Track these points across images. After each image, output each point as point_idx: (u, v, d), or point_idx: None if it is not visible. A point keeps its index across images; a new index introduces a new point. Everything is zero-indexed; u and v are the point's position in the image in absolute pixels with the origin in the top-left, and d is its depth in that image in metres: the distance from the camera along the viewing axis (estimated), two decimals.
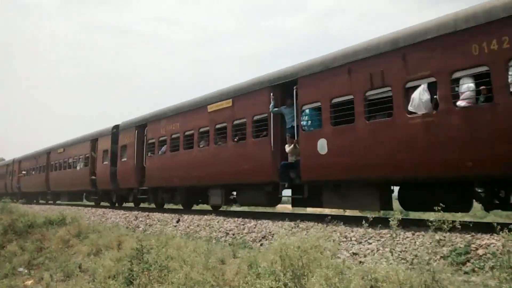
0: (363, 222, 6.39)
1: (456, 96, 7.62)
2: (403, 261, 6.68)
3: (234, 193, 14.04)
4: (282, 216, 10.98)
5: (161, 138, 16.76)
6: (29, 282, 11.77)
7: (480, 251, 6.31)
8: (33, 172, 32.64)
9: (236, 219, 11.51)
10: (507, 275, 4.60)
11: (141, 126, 18.44)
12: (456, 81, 7.69)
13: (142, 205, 20.12)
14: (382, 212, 11.10)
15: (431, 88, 7.97)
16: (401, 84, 8.46)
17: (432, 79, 7.94)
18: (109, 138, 20.91)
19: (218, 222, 11.73)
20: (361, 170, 9.21)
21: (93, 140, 22.74)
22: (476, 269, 6.03)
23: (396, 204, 9.65)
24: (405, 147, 8.37)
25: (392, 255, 6.87)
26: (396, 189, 9.70)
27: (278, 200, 12.60)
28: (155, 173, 16.92)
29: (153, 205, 18.76)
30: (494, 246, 6.26)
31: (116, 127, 20.74)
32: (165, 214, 14.70)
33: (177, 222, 13.23)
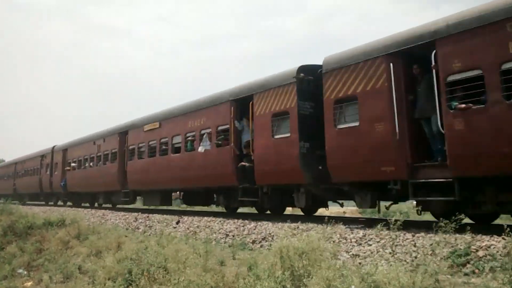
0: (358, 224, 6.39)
1: None
2: (403, 262, 6.67)
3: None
4: (282, 218, 11.02)
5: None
6: (28, 284, 11.74)
7: (480, 253, 6.30)
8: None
9: (236, 220, 11.51)
10: (509, 277, 4.60)
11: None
12: None
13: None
14: (382, 213, 11.25)
15: None
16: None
17: None
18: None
19: (218, 223, 11.72)
20: None
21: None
22: (476, 270, 6.02)
23: None
24: None
25: (392, 256, 6.86)
26: None
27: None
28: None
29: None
30: (494, 247, 6.25)
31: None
32: (165, 216, 14.70)
33: (177, 223, 13.22)
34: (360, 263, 7.09)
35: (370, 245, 7.74)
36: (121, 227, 15.08)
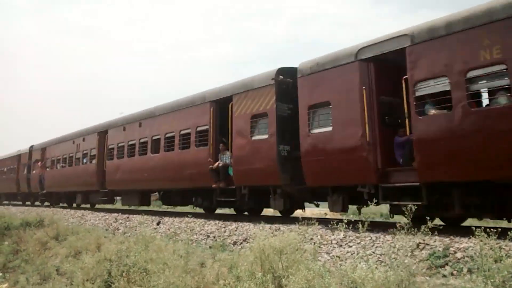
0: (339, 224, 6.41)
1: None
2: (383, 264, 6.72)
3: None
4: (263, 219, 11.01)
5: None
6: (3, 286, 11.51)
7: (458, 254, 6.37)
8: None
9: (217, 221, 11.46)
10: (483, 278, 4.66)
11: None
12: None
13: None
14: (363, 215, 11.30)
15: None
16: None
17: None
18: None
19: (199, 224, 11.65)
20: None
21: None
22: (454, 272, 6.10)
23: None
24: None
25: (371, 257, 6.91)
26: None
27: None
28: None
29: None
30: (472, 249, 6.34)
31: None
32: (146, 216, 14.57)
33: (158, 224, 13.12)
34: (340, 265, 7.12)
35: (351, 246, 7.78)
36: (100, 228, 14.90)
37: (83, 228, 14.30)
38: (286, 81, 11.01)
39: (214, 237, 10.56)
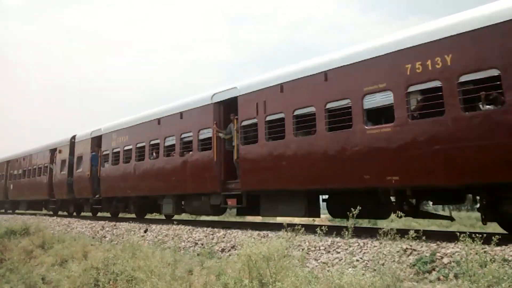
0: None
1: None
2: (370, 269, 6.74)
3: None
4: (251, 226, 11.01)
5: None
6: None
7: (445, 260, 6.42)
8: None
9: (205, 228, 11.42)
10: (469, 283, 4.71)
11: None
12: None
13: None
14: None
15: None
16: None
17: None
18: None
19: (186, 232, 11.60)
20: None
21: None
22: (441, 277, 6.14)
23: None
24: None
25: (359, 263, 6.93)
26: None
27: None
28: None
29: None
30: (458, 254, 6.39)
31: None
32: (133, 224, 14.46)
33: (145, 232, 13.03)
34: (328, 271, 7.13)
35: (339, 252, 7.80)
36: (87, 235, 14.74)
37: (69, 236, 14.15)
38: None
39: (202, 244, 10.51)
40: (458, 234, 5.51)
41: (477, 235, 5.13)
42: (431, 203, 9.83)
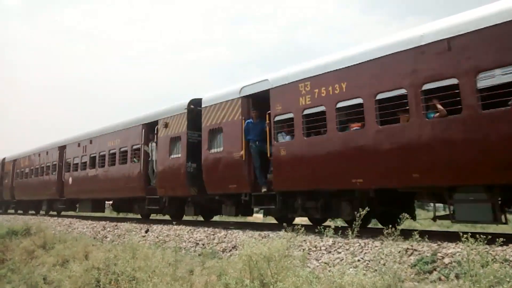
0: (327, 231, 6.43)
1: None
2: (371, 269, 6.74)
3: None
4: (253, 226, 11.01)
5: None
6: None
7: (446, 260, 6.42)
8: None
9: (206, 229, 11.42)
10: (470, 284, 4.70)
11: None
12: None
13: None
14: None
15: None
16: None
17: None
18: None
19: (187, 232, 11.61)
20: None
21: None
22: (442, 277, 6.13)
23: None
24: None
25: (360, 263, 6.93)
26: None
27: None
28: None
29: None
30: (459, 254, 6.38)
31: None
32: (134, 224, 14.48)
33: (146, 232, 13.04)
34: (329, 271, 7.13)
35: (340, 252, 7.80)
36: (88, 236, 14.77)
37: (70, 236, 14.17)
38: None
39: (203, 244, 10.52)
40: (460, 234, 5.50)
41: (480, 235, 5.12)
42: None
